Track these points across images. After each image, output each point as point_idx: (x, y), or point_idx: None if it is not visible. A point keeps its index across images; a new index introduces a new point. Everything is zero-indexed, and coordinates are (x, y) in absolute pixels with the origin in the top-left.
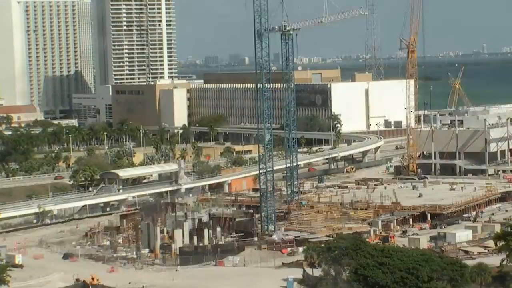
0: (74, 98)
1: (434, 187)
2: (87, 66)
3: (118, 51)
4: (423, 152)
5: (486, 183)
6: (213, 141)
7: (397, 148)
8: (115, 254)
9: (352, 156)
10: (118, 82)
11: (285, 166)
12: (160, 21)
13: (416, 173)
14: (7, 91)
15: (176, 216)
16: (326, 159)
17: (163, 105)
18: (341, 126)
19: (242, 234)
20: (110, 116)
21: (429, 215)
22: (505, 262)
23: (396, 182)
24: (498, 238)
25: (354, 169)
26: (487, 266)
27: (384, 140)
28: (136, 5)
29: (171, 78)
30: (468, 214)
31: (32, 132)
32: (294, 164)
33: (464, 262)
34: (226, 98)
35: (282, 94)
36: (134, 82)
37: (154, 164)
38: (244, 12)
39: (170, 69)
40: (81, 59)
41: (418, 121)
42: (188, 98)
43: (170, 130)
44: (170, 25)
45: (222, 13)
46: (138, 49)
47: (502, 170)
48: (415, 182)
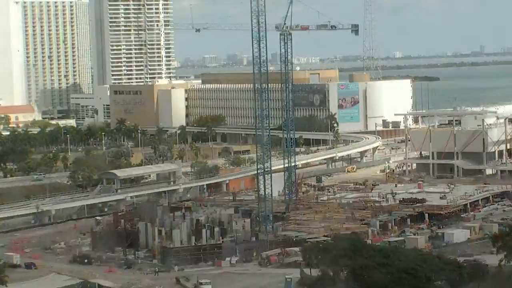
0: (72, 98)
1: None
2: (85, 66)
3: (116, 51)
4: (421, 152)
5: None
6: (211, 141)
7: (392, 149)
8: (113, 255)
9: (350, 156)
10: (116, 82)
11: (283, 166)
12: (158, 21)
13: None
14: (5, 91)
15: (174, 216)
16: (324, 159)
17: (161, 105)
18: (337, 126)
19: None
20: (108, 116)
21: (427, 215)
22: (503, 262)
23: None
24: (496, 238)
25: (355, 168)
26: (486, 267)
27: (381, 140)
28: (134, 5)
29: (169, 78)
30: (466, 214)
31: (30, 132)
32: (292, 164)
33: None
34: (224, 98)
35: (280, 94)
36: (132, 82)
37: (152, 164)
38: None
39: (168, 69)
40: (79, 59)
41: (416, 121)
42: (186, 98)
43: (168, 131)
44: (168, 25)
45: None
46: (136, 49)
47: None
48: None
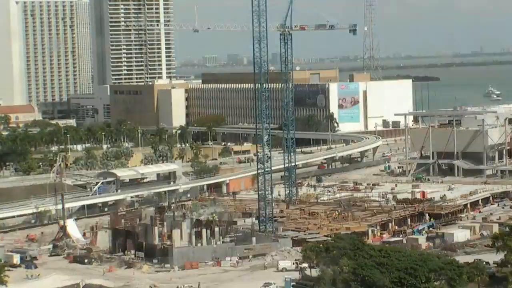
0: (72, 98)
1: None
2: (85, 66)
3: (116, 51)
4: (421, 152)
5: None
6: (211, 141)
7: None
8: (113, 255)
9: (350, 156)
10: (116, 82)
11: (283, 166)
12: (158, 21)
13: None
14: (5, 91)
15: (174, 216)
16: (325, 159)
17: (161, 105)
18: (337, 126)
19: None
20: (108, 116)
21: (427, 215)
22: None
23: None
24: (496, 238)
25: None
26: (485, 266)
27: (382, 140)
28: (134, 5)
29: (169, 78)
30: (466, 214)
31: (30, 132)
32: (292, 164)
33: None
34: (224, 98)
35: (280, 94)
36: (132, 82)
37: (152, 164)
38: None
39: (168, 69)
40: (79, 59)
41: (416, 121)
42: (186, 98)
43: (168, 130)
44: (169, 25)
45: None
46: (136, 49)
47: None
48: None
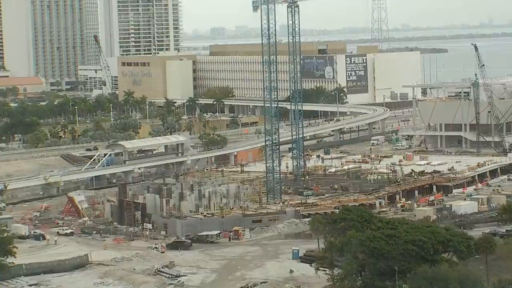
0: (80, 69)
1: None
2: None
3: (124, 23)
4: (429, 124)
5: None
6: (219, 113)
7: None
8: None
9: (358, 128)
10: (124, 54)
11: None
12: None
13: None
14: (13, 63)
15: (182, 187)
16: (333, 131)
17: (169, 77)
18: (346, 98)
19: None
20: (116, 88)
21: (434, 187)
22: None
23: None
24: (504, 210)
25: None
26: (493, 238)
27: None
28: None
29: (177, 50)
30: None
31: (38, 104)
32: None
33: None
34: (232, 70)
35: (288, 66)
36: (140, 54)
37: (160, 136)
38: None
39: (176, 41)
40: (87, 31)
41: (424, 93)
42: (194, 70)
43: (176, 102)
44: None
45: None
46: (144, 20)
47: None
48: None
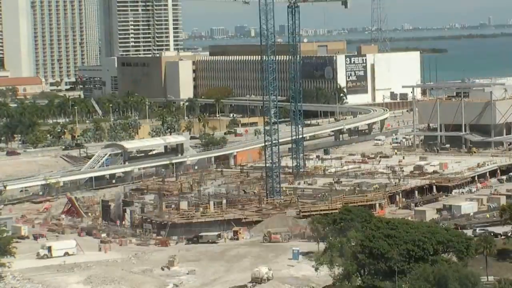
0: (80, 70)
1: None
2: (93, 38)
3: (124, 23)
4: (429, 124)
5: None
6: (219, 113)
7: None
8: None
9: (357, 128)
10: (123, 54)
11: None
12: None
13: None
14: (13, 63)
15: (181, 187)
16: (332, 131)
17: (169, 77)
18: (346, 98)
19: None
20: (115, 88)
21: (434, 187)
22: (510, 235)
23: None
24: (504, 210)
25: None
26: (493, 239)
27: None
28: None
29: (177, 50)
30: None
31: (38, 104)
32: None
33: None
34: (231, 70)
35: (288, 66)
36: (139, 54)
37: (159, 136)
38: None
39: (176, 41)
40: (86, 31)
41: (424, 93)
42: (193, 70)
43: (175, 102)
44: None
45: None
46: (143, 20)
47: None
48: None
